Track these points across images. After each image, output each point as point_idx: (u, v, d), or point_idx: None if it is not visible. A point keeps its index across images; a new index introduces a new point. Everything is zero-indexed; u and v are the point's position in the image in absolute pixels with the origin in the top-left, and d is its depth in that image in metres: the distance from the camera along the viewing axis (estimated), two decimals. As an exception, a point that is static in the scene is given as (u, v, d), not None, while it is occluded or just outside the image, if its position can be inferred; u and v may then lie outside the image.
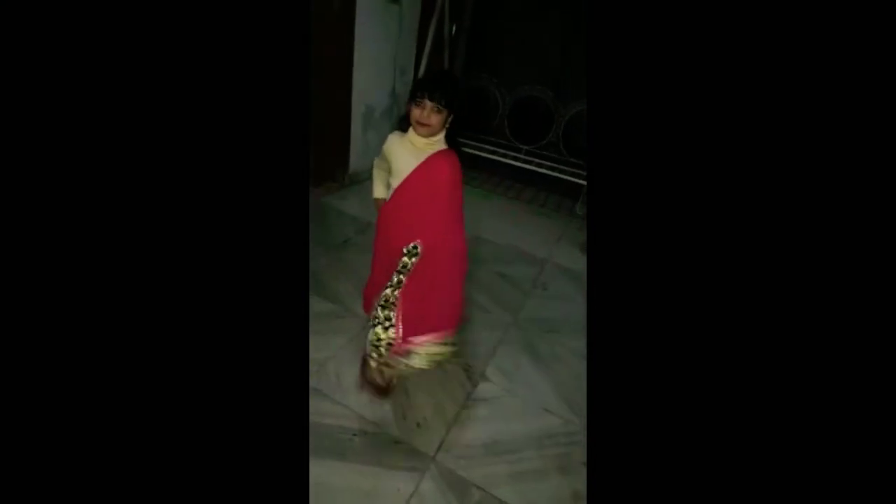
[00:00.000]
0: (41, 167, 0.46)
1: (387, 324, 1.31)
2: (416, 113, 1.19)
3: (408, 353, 1.31)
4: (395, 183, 1.30)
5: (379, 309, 1.32)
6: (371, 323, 1.34)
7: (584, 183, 3.24)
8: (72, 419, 0.47)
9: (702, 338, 0.52)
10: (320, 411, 1.43)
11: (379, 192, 1.46)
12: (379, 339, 1.31)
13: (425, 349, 1.32)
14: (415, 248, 1.28)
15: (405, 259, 1.30)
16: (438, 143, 1.26)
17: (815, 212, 0.48)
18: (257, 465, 0.53)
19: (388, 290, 1.32)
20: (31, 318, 0.46)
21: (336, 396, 1.50)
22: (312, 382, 1.53)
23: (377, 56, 2.97)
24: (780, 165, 0.49)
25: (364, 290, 1.58)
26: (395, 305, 1.31)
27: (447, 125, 1.24)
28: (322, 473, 1.24)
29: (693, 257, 0.53)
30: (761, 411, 0.49)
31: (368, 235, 2.11)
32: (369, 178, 1.52)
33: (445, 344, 1.35)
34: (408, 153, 1.26)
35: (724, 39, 0.51)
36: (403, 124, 1.27)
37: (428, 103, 1.17)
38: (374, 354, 1.35)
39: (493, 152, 3.53)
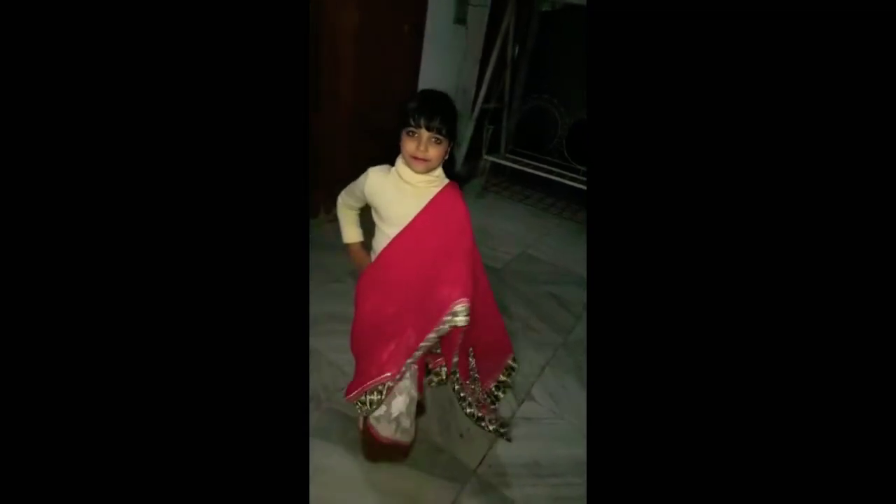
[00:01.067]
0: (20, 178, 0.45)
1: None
2: (410, 146, 0.94)
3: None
4: (391, 231, 1.03)
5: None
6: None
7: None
8: (70, 413, 0.47)
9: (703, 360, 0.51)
10: (368, 413, 1.48)
11: (353, 235, 1.19)
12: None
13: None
14: (465, 309, 0.97)
15: (443, 327, 0.99)
16: (439, 178, 1.02)
17: (816, 221, 0.47)
18: (256, 465, 0.52)
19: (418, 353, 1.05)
20: (30, 324, 0.46)
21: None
22: (362, 384, 1.59)
23: (441, 74, 3.08)
24: (783, 177, 0.48)
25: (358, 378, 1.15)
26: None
27: (446, 157, 1.00)
28: (369, 470, 1.29)
29: (696, 268, 0.52)
30: (771, 437, 0.48)
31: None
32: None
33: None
34: (403, 194, 1.01)
35: (722, 47, 0.50)
36: (393, 155, 1.03)
37: (425, 134, 0.93)
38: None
39: (550, 172, 3.52)
